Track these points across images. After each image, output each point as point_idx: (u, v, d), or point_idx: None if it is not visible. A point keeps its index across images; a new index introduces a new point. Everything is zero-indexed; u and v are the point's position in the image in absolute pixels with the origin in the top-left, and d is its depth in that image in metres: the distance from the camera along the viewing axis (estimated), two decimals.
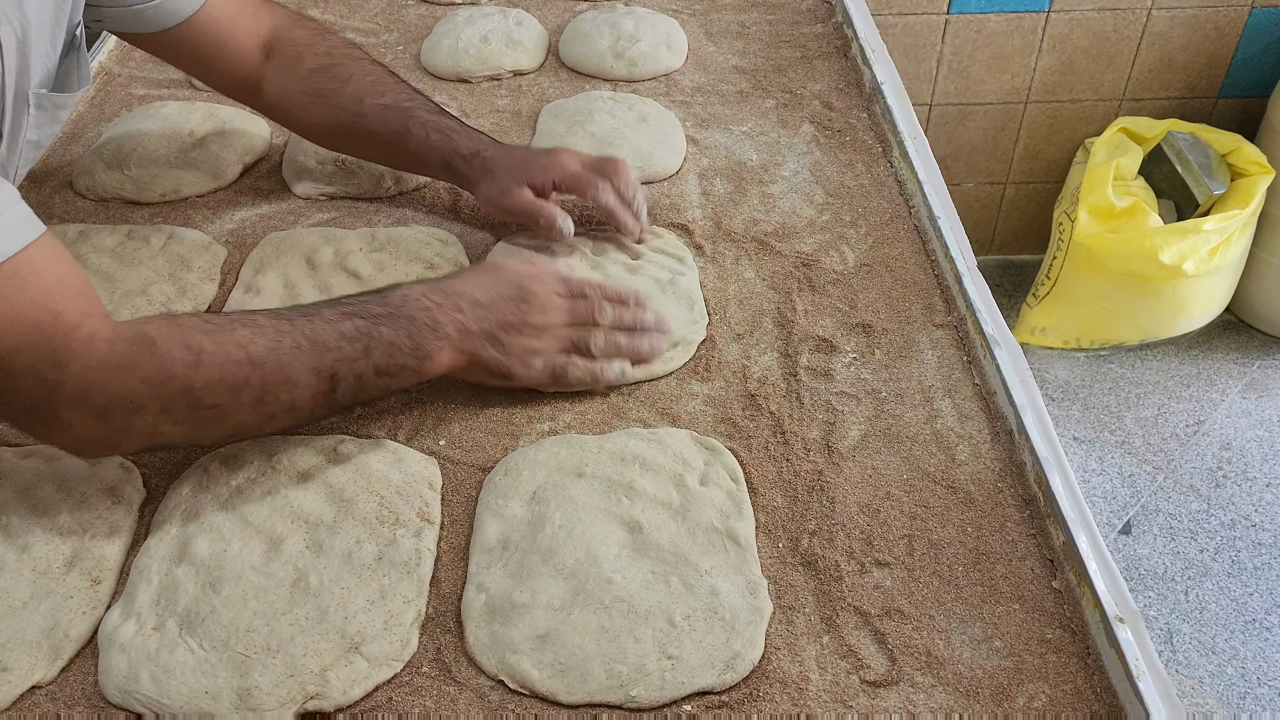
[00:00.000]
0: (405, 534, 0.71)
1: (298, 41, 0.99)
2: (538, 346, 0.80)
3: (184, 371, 0.67)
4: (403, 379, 0.76)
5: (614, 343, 0.82)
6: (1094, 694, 0.63)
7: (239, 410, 0.70)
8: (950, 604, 0.68)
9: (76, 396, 0.65)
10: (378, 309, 0.75)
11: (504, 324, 0.78)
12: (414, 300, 0.76)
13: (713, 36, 1.33)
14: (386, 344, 0.74)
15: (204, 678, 0.63)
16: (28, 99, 0.80)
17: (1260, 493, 1.95)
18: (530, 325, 0.79)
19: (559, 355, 0.80)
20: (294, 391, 0.71)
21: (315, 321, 0.72)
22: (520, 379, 0.80)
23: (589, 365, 0.81)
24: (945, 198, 0.99)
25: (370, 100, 0.97)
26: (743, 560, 0.69)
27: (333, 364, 0.72)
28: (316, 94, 0.98)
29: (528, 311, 0.80)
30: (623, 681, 0.63)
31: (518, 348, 0.79)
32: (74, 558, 0.70)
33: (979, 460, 0.77)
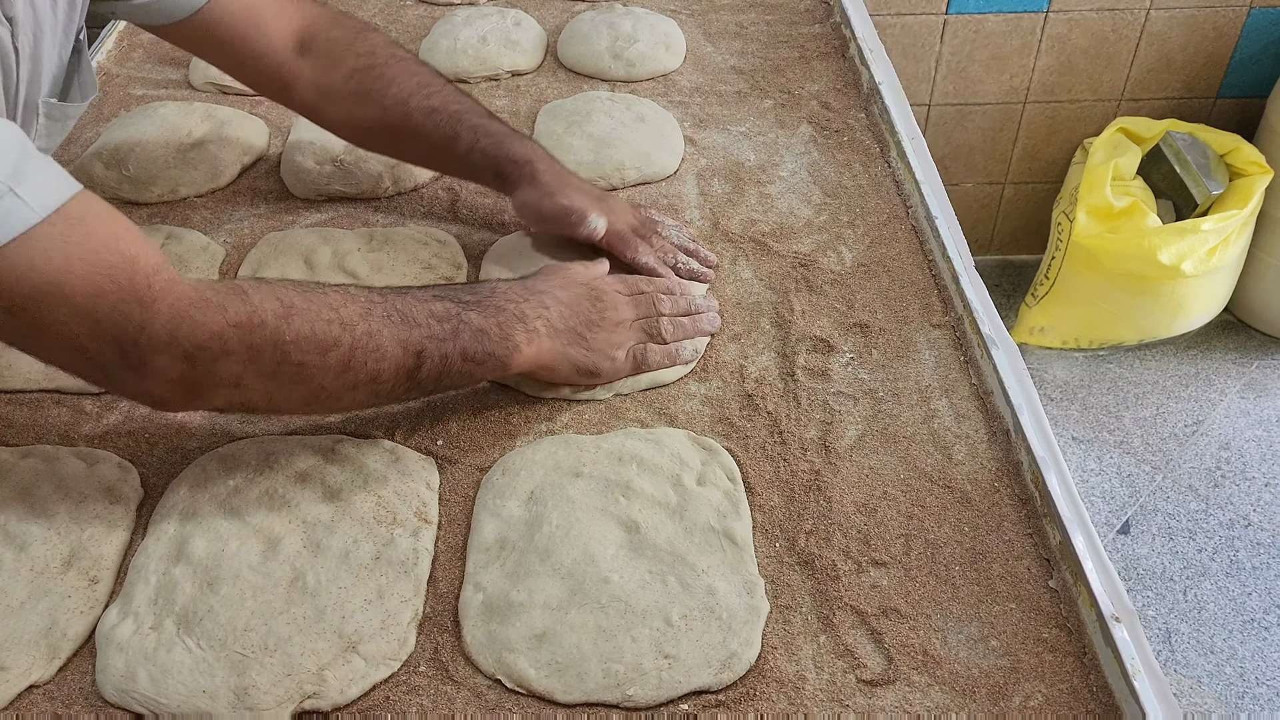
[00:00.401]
0: (403, 534, 0.71)
1: (337, 40, 0.97)
2: (617, 340, 0.82)
3: (274, 321, 0.66)
4: (487, 368, 0.76)
5: (680, 325, 0.86)
6: (1090, 693, 0.63)
7: (324, 373, 0.68)
8: (947, 603, 0.68)
9: (166, 336, 0.63)
10: (468, 296, 0.76)
11: (587, 321, 0.81)
12: (502, 292, 0.78)
13: (711, 37, 1.33)
14: (475, 329, 0.74)
15: (201, 677, 0.63)
16: (37, 109, 0.80)
17: (1259, 492, 1.95)
18: (608, 321, 0.82)
19: (637, 346, 0.83)
20: (380, 362, 0.70)
21: (406, 298, 0.73)
22: (606, 374, 0.82)
23: (665, 349, 0.84)
24: (943, 198, 0.99)
25: (416, 102, 0.95)
26: (740, 560, 0.70)
27: (421, 340, 0.71)
28: (359, 95, 0.96)
29: (603, 309, 0.82)
30: (620, 681, 0.63)
31: (600, 343, 0.81)
32: (72, 557, 0.70)
33: (976, 460, 0.77)
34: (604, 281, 0.85)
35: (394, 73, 0.96)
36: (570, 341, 0.79)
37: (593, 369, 0.81)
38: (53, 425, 0.81)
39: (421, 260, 0.95)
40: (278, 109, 1.19)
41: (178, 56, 1.30)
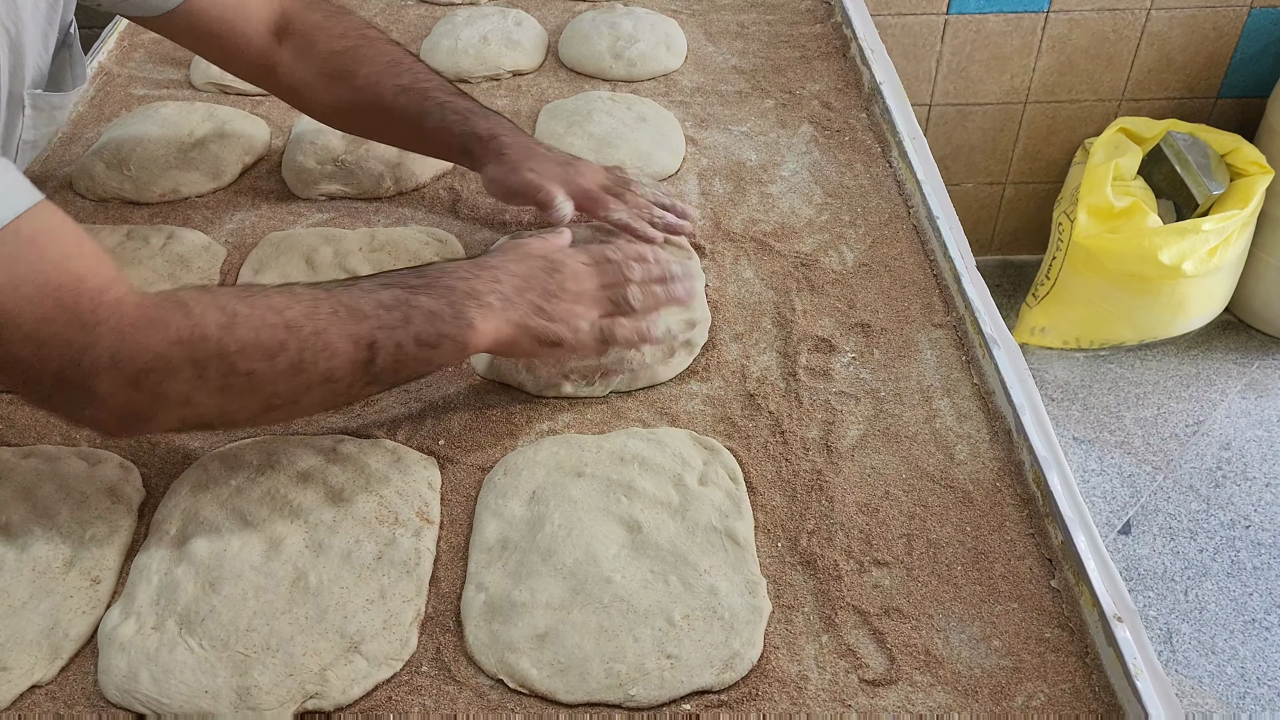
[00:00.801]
0: (404, 533, 0.71)
1: (313, 24, 0.98)
2: (580, 311, 0.78)
3: (218, 333, 0.64)
4: (445, 350, 0.72)
5: (651, 293, 0.81)
6: (1092, 693, 0.63)
7: (275, 379, 0.67)
8: (949, 603, 0.68)
9: (108, 361, 0.62)
10: (416, 280, 0.73)
11: (544, 292, 0.77)
12: (451, 271, 0.75)
13: (712, 37, 1.33)
14: (426, 312, 0.71)
15: (203, 677, 0.63)
16: (22, 100, 0.80)
17: (1259, 493, 1.95)
18: (568, 292, 0.78)
19: (604, 319, 0.79)
20: (332, 360, 0.68)
21: (352, 290, 0.71)
22: (570, 343, 0.77)
23: (634, 323, 0.80)
24: (944, 198, 0.99)
25: (388, 82, 0.95)
26: (742, 560, 0.70)
27: (372, 331, 0.69)
28: (334, 76, 0.97)
29: (562, 280, 0.79)
30: (622, 681, 0.63)
31: (561, 313, 0.77)
32: (73, 557, 0.70)
33: (977, 460, 0.77)
34: (563, 252, 0.82)
35: (366, 53, 0.97)
36: (528, 313, 0.75)
37: (555, 339, 0.76)
38: (54, 425, 0.81)
39: (423, 259, 0.95)
40: (279, 108, 1.19)
41: (179, 56, 1.30)
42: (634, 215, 0.92)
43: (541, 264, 0.79)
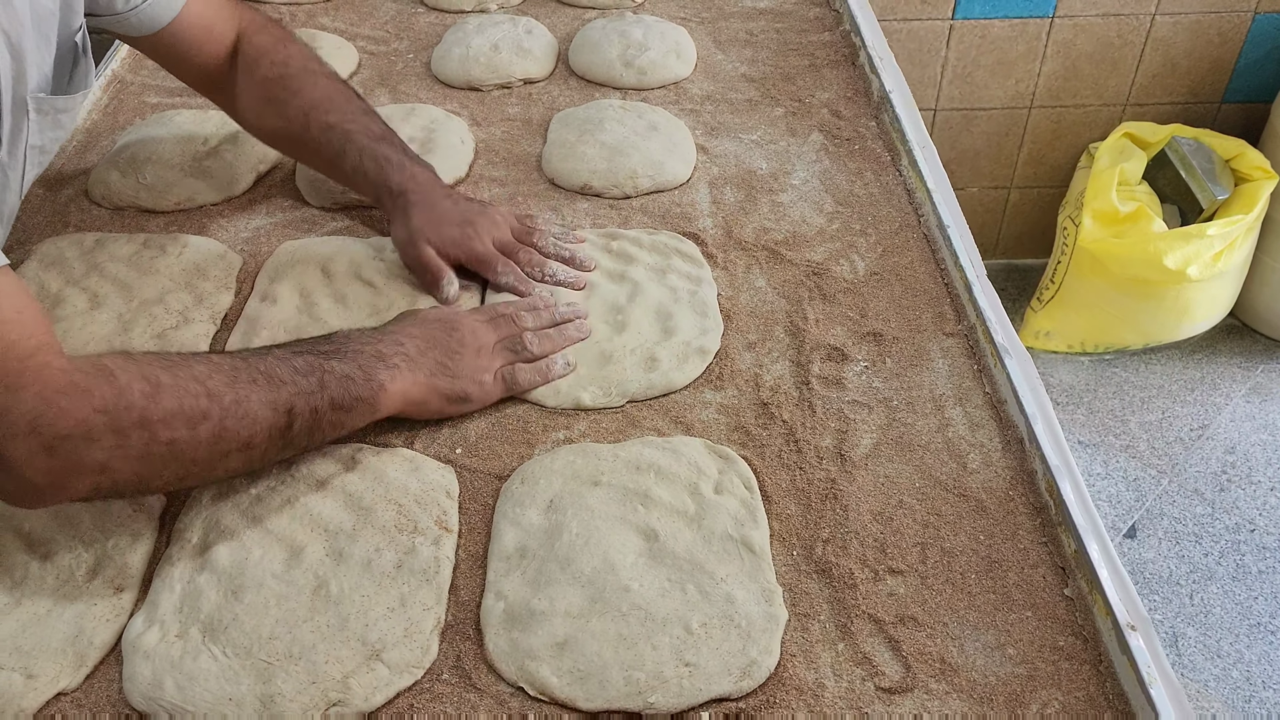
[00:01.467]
0: (424, 542, 0.72)
1: (258, 46, 1.00)
2: (483, 364, 0.83)
3: (142, 401, 0.64)
4: (357, 413, 0.75)
5: (547, 337, 0.86)
6: (1106, 701, 0.63)
7: (195, 446, 0.67)
8: (963, 611, 0.68)
9: (27, 426, 0.61)
10: (325, 346, 0.76)
11: (447, 350, 0.81)
12: (356, 338, 0.79)
13: (721, 45, 1.34)
14: (340, 376, 0.74)
15: (227, 684, 0.64)
16: (26, 104, 0.81)
17: (1265, 496, 1.96)
18: (469, 348, 0.83)
19: (505, 367, 0.84)
20: (253, 427, 0.69)
21: (269, 359, 0.72)
22: (476, 398, 0.82)
23: (535, 365, 0.85)
24: (954, 206, 1.00)
25: (315, 116, 0.98)
26: (758, 568, 0.70)
27: (290, 398, 0.71)
28: (267, 101, 0.99)
29: (461, 337, 0.83)
30: (641, 688, 0.64)
31: (465, 369, 0.82)
32: (96, 566, 0.71)
33: (990, 468, 0.78)
34: (457, 313, 0.86)
35: (301, 84, 0.99)
36: (434, 372, 0.80)
37: (461, 395, 0.81)
38: None
39: None
40: None
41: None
42: (521, 278, 0.94)
43: (440, 326, 0.83)
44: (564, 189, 1.08)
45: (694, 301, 0.91)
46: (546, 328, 0.88)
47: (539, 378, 0.84)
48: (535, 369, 0.84)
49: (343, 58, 1.30)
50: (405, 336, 0.81)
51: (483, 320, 0.86)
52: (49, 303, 0.92)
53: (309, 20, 1.41)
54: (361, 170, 0.97)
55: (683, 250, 0.98)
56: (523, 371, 0.84)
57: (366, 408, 0.76)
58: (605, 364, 0.85)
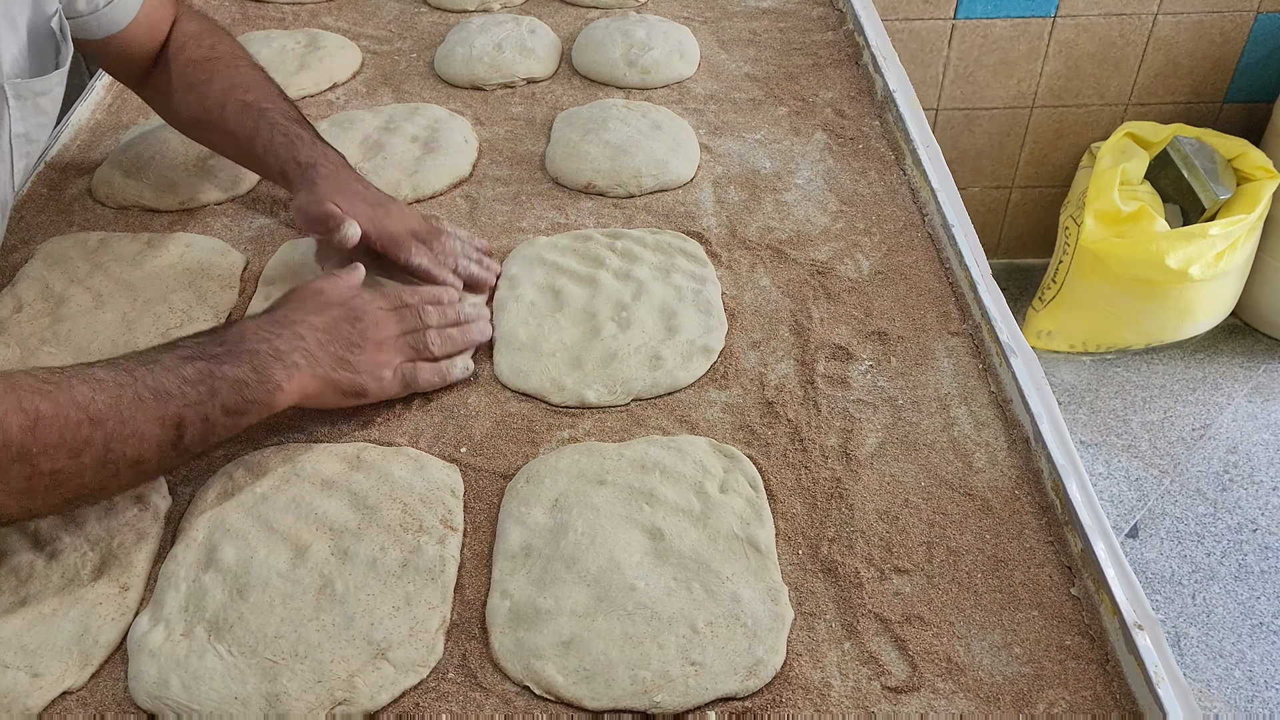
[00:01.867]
0: (429, 541, 0.72)
1: (185, 32, 1.01)
2: (383, 360, 0.82)
3: (20, 436, 0.62)
4: (252, 414, 0.74)
5: (449, 337, 0.86)
6: (1113, 700, 0.63)
7: (80, 473, 0.66)
8: (970, 611, 0.68)
9: None
10: (216, 349, 0.74)
11: (348, 344, 0.80)
12: (252, 334, 0.76)
13: (724, 44, 1.34)
14: (232, 381, 0.72)
15: (233, 683, 0.64)
16: (4, 90, 0.80)
17: (1267, 496, 1.96)
18: (370, 341, 0.81)
19: (405, 364, 0.83)
20: (141, 445, 0.68)
21: (156, 370, 0.70)
22: (374, 393, 0.81)
23: (435, 366, 0.84)
24: (959, 205, 0.99)
25: (234, 95, 0.97)
26: (763, 567, 0.70)
27: (179, 411, 0.69)
28: (189, 85, 0.99)
29: (364, 329, 0.81)
30: (647, 687, 0.64)
31: (366, 364, 0.80)
32: (102, 565, 0.71)
33: (996, 467, 0.78)
34: (362, 299, 0.83)
35: (224, 67, 0.99)
36: (333, 367, 0.78)
37: (359, 390, 0.80)
38: None
39: None
40: None
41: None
42: (435, 262, 0.92)
43: (342, 313, 0.81)
44: (568, 188, 1.08)
45: (698, 300, 0.91)
46: (450, 326, 0.86)
47: (438, 379, 0.84)
48: (435, 370, 0.84)
49: (346, 57, 1.30)
50: (306, 328, 0.78)
51: (387, 309, 0.84)
52: (53, 302, 0.92)
53: (312, 20, 1.41)
54: (273, 148, 0.95)
55: (686, 250, 0.98)
56: (423, 371, 0.83)
57: (262, 407, 0.74)
58: (610, 362, 0.85)
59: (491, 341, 0.89)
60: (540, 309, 0.91)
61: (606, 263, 0.95)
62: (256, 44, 1.30)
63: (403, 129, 1.14)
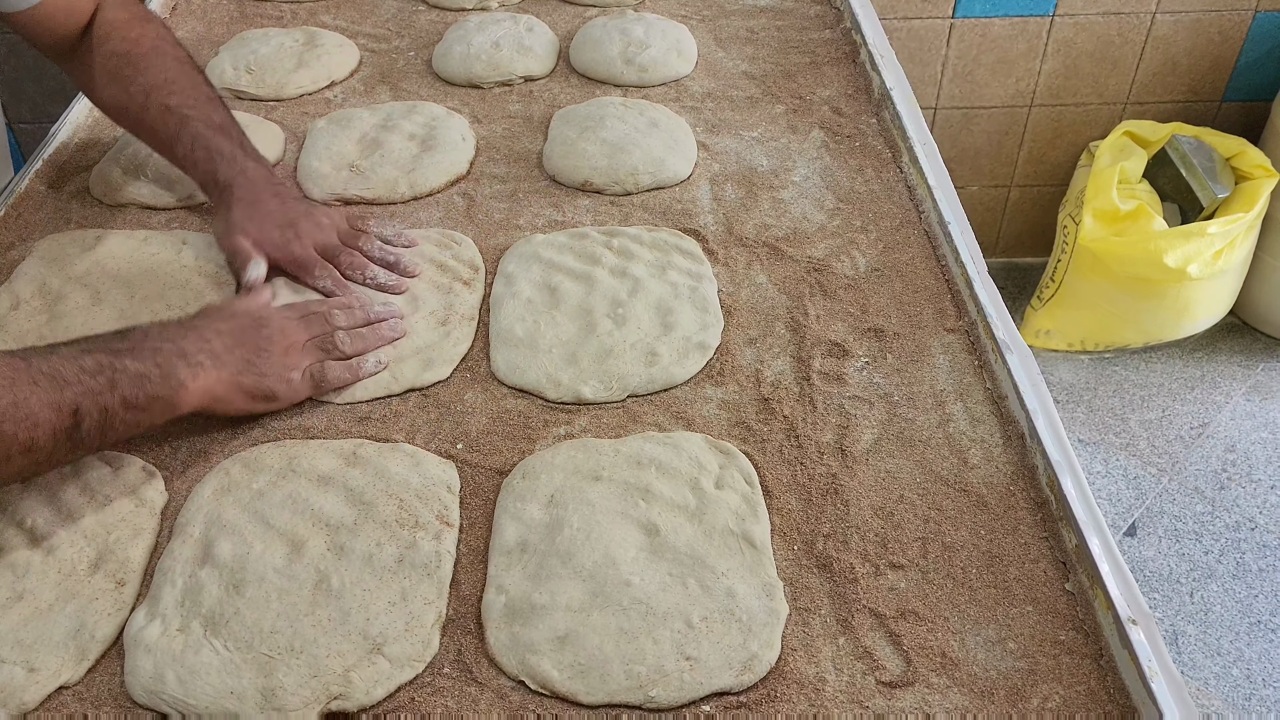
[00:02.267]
0: (425, 536, 0.72)
1: (110, 20, 1.01)
2: (291, 362, 0.83)
3: None
4: (154, 412, 0.74)
5: (359, 336, 0.86)
6: (1107, 695, 0.63)
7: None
8: (964, 606, 0.68)
9: None
10: (119, 344, 0.74)
11: (255, 349, 0.81)
12: (157, 334, 0.77)
13: (722, 42, 1.34)
14: (134, 374, 0.72)
15: (229, 678, 0.64)
16: None
17: (1265, 495, 1.96)
18: (278, 346, 0.82)
19: (314, 365, 0.83)
20: (34, 430, 0.66)
21: (53, 358, 0.69)
22: (283, 396, 0.82)
23: (345, 364, 0.84)
24: (955, 203, 1.00)
25: (156, 97, 0.98)
26: (759, 563, 0.70)
27: (75, 398, 0.68)
28: (112, 76, 0.99)
29: (270, 335, 0.82)
30: (642, 682, 0.64)
31: (273, 368, 0.81)
32: (98, 560, 0.71)
33: (991, 464, 0.78)
34: (269, 309, 0.85)
35: (148, 64, 0.99)
36: (240, 370, 0.79)
37: (268, 393, 0.81)
38: None
39: (437, 261, 0.96)
40: (293, 114, 1.20)
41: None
42: (339, 281, 0.93)
43: (248, 321, 0.83)
44: (565, 186, 1.08)
45: (694, 297, 0.91)
46: (360, 326, 0.87)
47: (349, 375, 0.84)
48: (345, 366, 0.84)
49: (344, 56, 1.30)
50: (212, 333, 0.79)
51: (294, 317, 0.85)
52: (50, 299, 0.92)
53: (310, 18, 1.41)
54: (192, 159, 0.96)
55: (683, 247, 0.98)
56: (332, 369, 0.83)
57: (164, 405, 0.74)
58: (606, 358, 0.85)
59: (488, 338, 0.89)
60: (537, 306, 0.91)
61: (603, 260, 0.95)
62: (255, 42, 1.30)
63: (400, 127, 1.14)
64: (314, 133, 1.15)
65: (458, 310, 0.91)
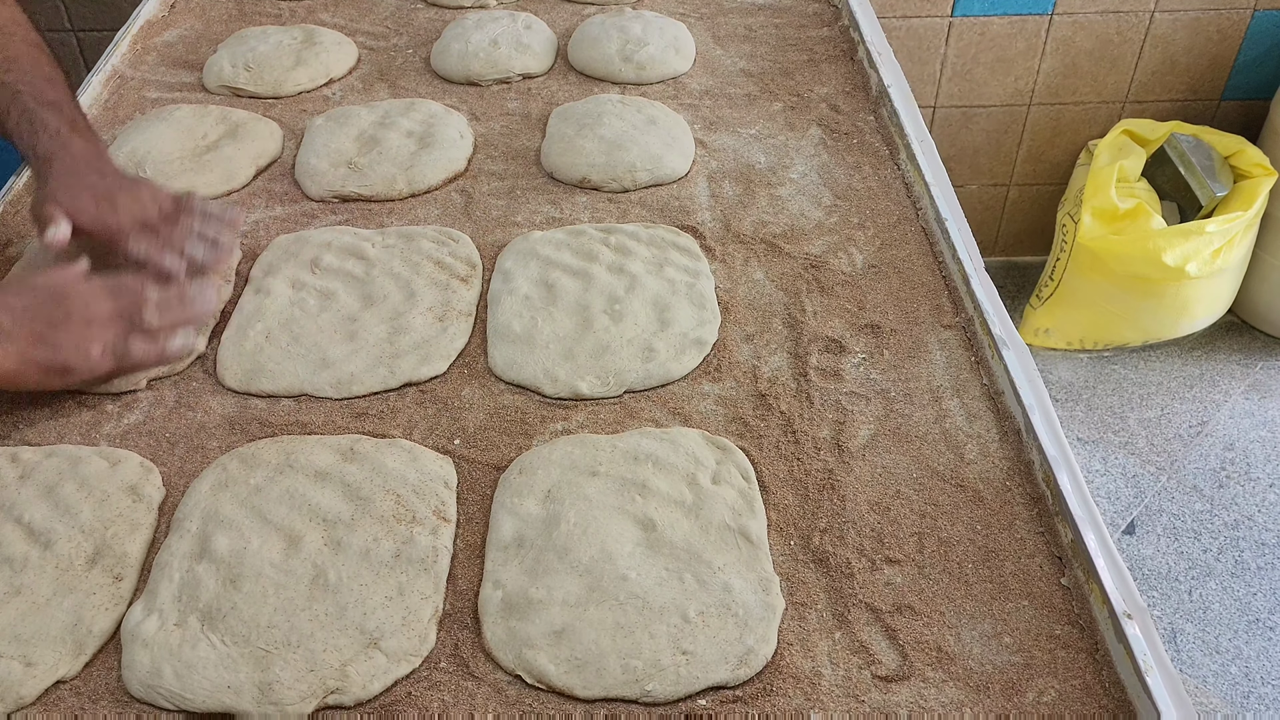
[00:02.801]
0: (422, 531, 0.72)
1: None
2: (91, 334, 0.80)
3: None
4: None
5: (168, 306, 0.83)
6: (1103, 689, 0.64)
7: None
8: (960, 601, 0.69)
9: None
10: None
11: (49, 321, 0.79)
12: None
13: (720, 40, 1.34)
14: None
15: (226, 673, 0.64)
16: None
17: (1263, 493, 1.96)
18: (77, 318, 0.80)
19: (117, 340, 0.81)
20: None
21: None
22: (80, 370, 0.80)
23: (150, 338, 0.82)
24: (952, 200, 1.00)
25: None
26: (755, 557, 0.70)
27: None
28: None
29: (69, 307, 0.80)
30: (638, 676, 0.64)
31: (69, 341, 0.79)
32: (96, 555, 0.71)
33: (987, 459, 0.78)
34: (74, 282, 0.82)
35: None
36: (31, 344, 0.77)
37: (62, 367, 0.79)
38: (75, 425, 0.82)
39: (434, 259, 0.96)
40: (291, 111, 1.20)
41: (191, 59, 1.31)
42: (156, 248, 0.89)
43: (47, 294, 0.80)
44: (563, 183, 1.09)
45: (691, 294, 0.91)
46: (173, 300, 0.84)
47: (154, 352, 0.81)
48: (150, 340, 0.81)
49: (342, 53, 1.30)
50: (2, 309, 0.78)
51: (100, 289, 0.82)
52: None
53: (309, 16, 1.41)
54: (19, 132, 0.95)
55: (680, 244, 0.98)
56: (135, 343, 0.81)
57: None
58: (603, 354, 0.85)
59: (486, 334, 0.89)
60: (534, 302, 0.91)
61: (600, 257, 0.95)
62: (253, 40, 1.30)
63: (398, 124, 1.14)
64: (312, 130, 1.15)
65: (455, 306, 0.92)
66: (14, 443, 0.81)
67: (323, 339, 0.88)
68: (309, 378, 0.85)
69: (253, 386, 0.85)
